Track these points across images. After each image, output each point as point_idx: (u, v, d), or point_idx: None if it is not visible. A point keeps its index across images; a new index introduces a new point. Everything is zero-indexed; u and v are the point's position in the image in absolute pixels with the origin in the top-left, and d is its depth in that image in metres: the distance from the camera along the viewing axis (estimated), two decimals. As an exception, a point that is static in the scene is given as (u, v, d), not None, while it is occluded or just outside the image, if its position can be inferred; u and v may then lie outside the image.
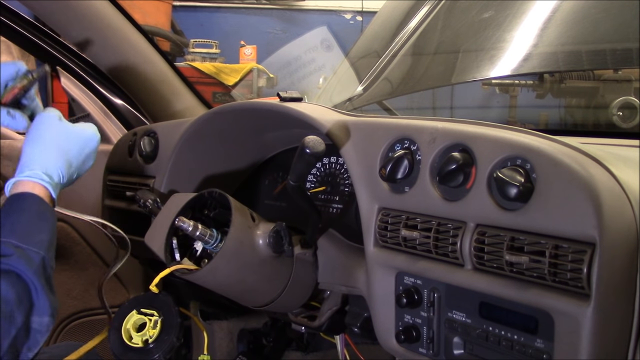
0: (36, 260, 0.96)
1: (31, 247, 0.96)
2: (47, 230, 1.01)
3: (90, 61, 2.02)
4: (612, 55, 1.79)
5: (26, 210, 1.00)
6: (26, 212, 1.00)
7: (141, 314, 1.26)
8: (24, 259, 0.94)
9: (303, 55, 5.46)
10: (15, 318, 0.91)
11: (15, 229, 0.97)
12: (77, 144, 1.11)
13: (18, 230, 0.97)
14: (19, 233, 0.97)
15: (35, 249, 0.97)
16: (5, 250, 0.94)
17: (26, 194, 1.02)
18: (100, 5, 1.83)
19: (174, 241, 1.23)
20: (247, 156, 1.63)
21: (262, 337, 1.86)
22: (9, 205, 1.01)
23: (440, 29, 2.15)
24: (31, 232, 0.98)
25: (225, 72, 5.19)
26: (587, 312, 0.82)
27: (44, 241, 0.99)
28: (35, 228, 0.99)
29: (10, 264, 0.93)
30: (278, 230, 1.20)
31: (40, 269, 0.96)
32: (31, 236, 0.98)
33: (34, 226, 0.99)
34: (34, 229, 0.99)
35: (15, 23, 1.96)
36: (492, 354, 0.97)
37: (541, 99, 3.13)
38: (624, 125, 2.54)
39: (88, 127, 1.17)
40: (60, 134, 1.10)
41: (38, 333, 0.94)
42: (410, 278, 1.09)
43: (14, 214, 0.99)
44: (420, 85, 2.34)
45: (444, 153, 1.04)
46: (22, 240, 0.96)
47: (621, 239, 0.82)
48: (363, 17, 5.99)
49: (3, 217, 0.99)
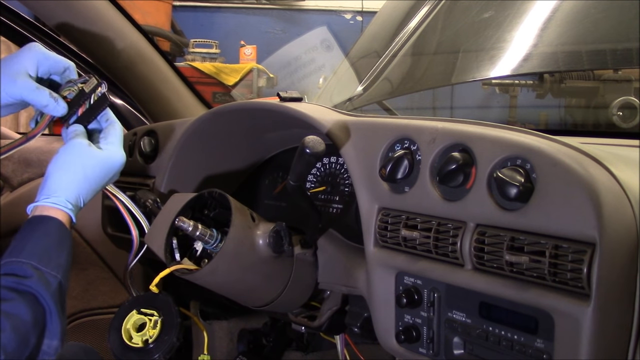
0: (53, 285, 0.98)
1: (50, 271, 0.98)
2: (66, 255, 1.03)
3: (90, 61, 2.02)
4: (612, 55, 1.79)
5: (48, 234, 1.02)
6: (48, 236, 1.02)
7: (141, 314, 1.26)
8: (43, 282, 0.96)
9: (303, 55, 5.46)
10: (30, 340, 0.93)
11: (36, 251, 0.99)
12: (103, 169, 1.11)
13: (39, 253, 0.99)
14: (39, 256, 0.99)
15: (54, 272, 0.99)
16: (25, 271, 0.96)
17: (49, 218, 1.03)
18: (100, 5, 1.83)
19: (174, 241, 1.23)
20: (247, 156, 1.62)
21: (262, 337, 1.86)
22: (31, 226, 1.03)
23: (440, 29, 2.15)
24: (51, 256, 1.00)
25: (225, 72, 5.20)
26: (587, 312, 0.82)
27: (62, 265, 1.01)
28: (55, 252, 1.01)
29: (30, 285, 0.95)
30: (278, 230, 1.20)
31: (57, 293, 0.98)
32: (51, 260, 1.00)
33: (53, 250, 1.01)
34: (53, 253, 1.01)
35: (15, 23, 1.97)
36: (492, 354, 0.97)
37: (541, 99, 3.13)
38: (624, 125, 2.54)
39: (116, 151, 1.14)
40: (89, 162, 1.09)
41: (46, 355, 0.96)
42: (410, 278, 1.09)
43: (36, 237, 1.01)
44: (420, 85, 2.35)
45: (444, 153, 1.04)
46: (42, 263, 0.98)
47: (621, 239, 0.82)
48: (363, 17, 5.99)
49: (25, 238, 1.01)
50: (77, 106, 1.14)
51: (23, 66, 1.08)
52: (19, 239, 1.01)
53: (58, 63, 1.12)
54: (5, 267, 0.97)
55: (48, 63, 1.11)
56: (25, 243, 1.00)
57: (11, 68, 1.07)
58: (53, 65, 1.12)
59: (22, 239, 1.01)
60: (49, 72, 1.13)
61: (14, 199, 2.08)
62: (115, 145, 1.14)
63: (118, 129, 1.16)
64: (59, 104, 1.10)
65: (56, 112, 1.11)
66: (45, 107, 1.09)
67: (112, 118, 1.18)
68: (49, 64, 1.11)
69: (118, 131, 1.16)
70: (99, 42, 1.86)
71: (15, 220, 2.04)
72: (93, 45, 1.87)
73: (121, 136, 1.16)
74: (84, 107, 1.14)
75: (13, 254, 0.98)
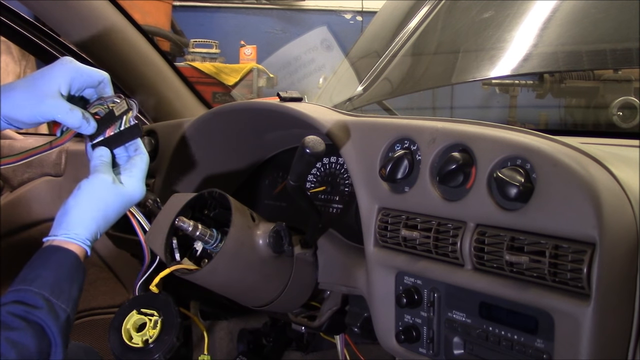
0: (62, 318, 0.98)
1: (60, 304, 0.99)
2: (77, 288, 1.03)
3: (90, 61, 2.02)
4: (612, 55, 1.79)
5: (62, 266, 1.01)
6: (62, 267, 1.01)
7: (141, 314, 1.26)
8: (52, 315, 0.96)
9: (303, 55, 5.45)
10: None
11: (48, 282, 0.99)
12: (122, 204, 1.10)
13: (51, 284, 0.99)
14: (51, 287, 0.99)
15: (64, 305, 0.99)
16: (36, 301, 0.96)
17: (64, 249, 1.03)
18: (100, 5, 1.83)
19: (174, 241, 1.23)
20: (247, 156, 1.63)
21: (262, 337, 1.86)
22: (46, 255, 1.02)
23: (440, 29, 2.15)
24: (63, 288, 1.00)
25: (225, 72, 5.19)
26: (587, 312, 0.82)
27: (72, 299, 1.01)
28: (67, 285, 1.01)
29: (40, 317, 0.95)
30: (278, 230, 1.20)
31: (64, 326, 0.98)
32: (63, 292, 1.00)
33: (66, 283, 1.01)
34: (65, 285, 1.01)
35: (15, 23, 1.97)
36: (492, 354, 0.97)
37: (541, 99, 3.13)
38: (624, 125, 2.54)
39: (138, 187, 1.11)
40: (111, 199, 1.08)
41: None
42: (410, 278, 1.09)
43: (50, 267, 1.01)
44: (420, 85, 2.34)
45: (444, 153, 1.04)
46: (54, 295, 0.98)
47: (621, 239, 0.82)
48: (363, 17, 5.99)
49: (39, 267, 1.01)
50: (104, 127, 1.11)
51: (56, 84, 1.06)
52: (33, 266, 1.00)
53: (92, 77, 1.10)
54: (16, 294, 0.97)
55: (82, 79, 1.09)
56: (39, 272, 0.99)
57: (43, 87, 1.05)
58: (87, 80, 1.10)
59: (36, 267, 1.00)
60: (83, 88, 1.11)
61: (14, 199, 2.08)
62: (138, 181, 1.11)
63: (145, 162, 1.13)
64: (90, 124, 1.09)
65: (87, 132, 1.10)
66: (78, 128, 1.08)
67: (141, 149, 1.14)
68: (82, 79, 1.09)
69: (144, 165, 1.12)
70: (99, 42, 1.86)
71: (15, 220, 2.05)
72: (93, 45, 1.86)
73: (146, 170, 1.13)
74: (112, 129, 1.12)
75: (26, 282, 0.98)
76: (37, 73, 1.08)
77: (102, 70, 1.12)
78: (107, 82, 1.13)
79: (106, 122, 1.12)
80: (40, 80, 1.06)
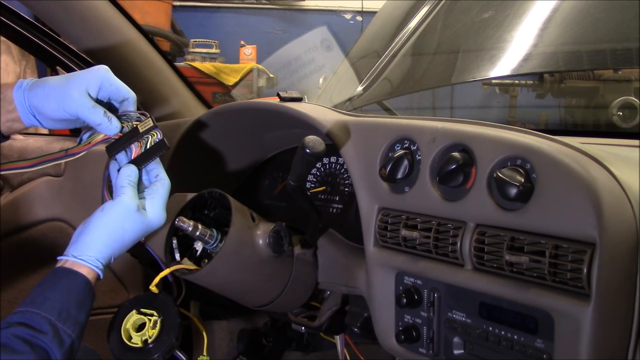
0: (66, 343, 0.98)
1: (66, 329, 0.98)
2: (85, 313, 1.03)
3: (90, 61, 2.02)
4: (612, 55, 1.79)
5: (72, 290, 1.01)
6: (71, 292, 1.01)
7: (141, 314, 1.26)
8: (57, 341, 0.97)
9: (303, 55, 5.46)
10: None
11: (56, 306, 0.99)
12: (141, 232, 1.09)
13: (58, 309, 0.99)
14: (59, 311, 0.99)
15: (69, 330, 0.99)
16: (42, 325, 0.96)
17: (75, 273, 1.02)
18: (100, 5, 1.83)
19: (174, 241, 1.23)
20: (247, 156, 1.63)
21: (262, 337, 1.86)
22: (57, 278, 1.02)
23: (440, 29, 2.15)
24: (70, 313, 1.00)
25: (225, 72, 5.19)
26: (587, 312, 0.82)
27: (79, 323, 1.01)
28: (75, 309, 1.01)
29: (45, 341, 0.95)
30: (278, 230, 1.20)
31: (68, 351, 0.98)
32: (69, 317, 0.99)
33: (74, 308, 1.01)
34: (73, 310, 1.00)
35: (15, 23, 1.96)
36: (492, 354, 0.97)
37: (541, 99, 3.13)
38: (624, 125, 2.54)
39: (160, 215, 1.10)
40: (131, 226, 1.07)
41: None
42: (410, 278, 1.09)
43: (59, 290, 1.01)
44: (420, 85, 2.34)
45: (444, 153, 1.04)
46: (60, 319, 0.98)
47: (621, 239, 0.82)
48: (363, 17, 5.98)
49: (48, 290, 1.00)
50: (127, 142, 1.10)
51: (85, 85, 1.07)
52: (42, 289, 1.00)
53: (120, 91, 1.11)
54: (22, 315, 0.97)
55: (110, 89, 1.10)
56: (47, 295, 0.99)
57: (73, 85, 1.07)
58: (114, 91, 1.11)
59: (45, 290, 1.00)
60: (108, 97, 1.11)
61: (14, 199, 2.08)
62: (160, 209, 1.10)
63: (167, 188, 1.12)
64: (112, 123, 1.08)
65: (109, 131, 1.09)
66: (99, 125, 1.08)
67: (162, 175, 1.13)
68: (111, 89, 1.10)
69: (166, 191, 1.12)
70: (99, 42, 1.86)
71: (15, 220, 2.05)
72: (93, 45, 1.86)
73: (167, 197, 1.12)
74: (140, 149, 1.11)
75: (34, 304, 0.98)
76: (72, 73, 1.11)
77: (131, 90, 1.12)
78: (131, 101, 1.12)
79: (129, 138, 1.11)
80: (72, 78, 1.08)
